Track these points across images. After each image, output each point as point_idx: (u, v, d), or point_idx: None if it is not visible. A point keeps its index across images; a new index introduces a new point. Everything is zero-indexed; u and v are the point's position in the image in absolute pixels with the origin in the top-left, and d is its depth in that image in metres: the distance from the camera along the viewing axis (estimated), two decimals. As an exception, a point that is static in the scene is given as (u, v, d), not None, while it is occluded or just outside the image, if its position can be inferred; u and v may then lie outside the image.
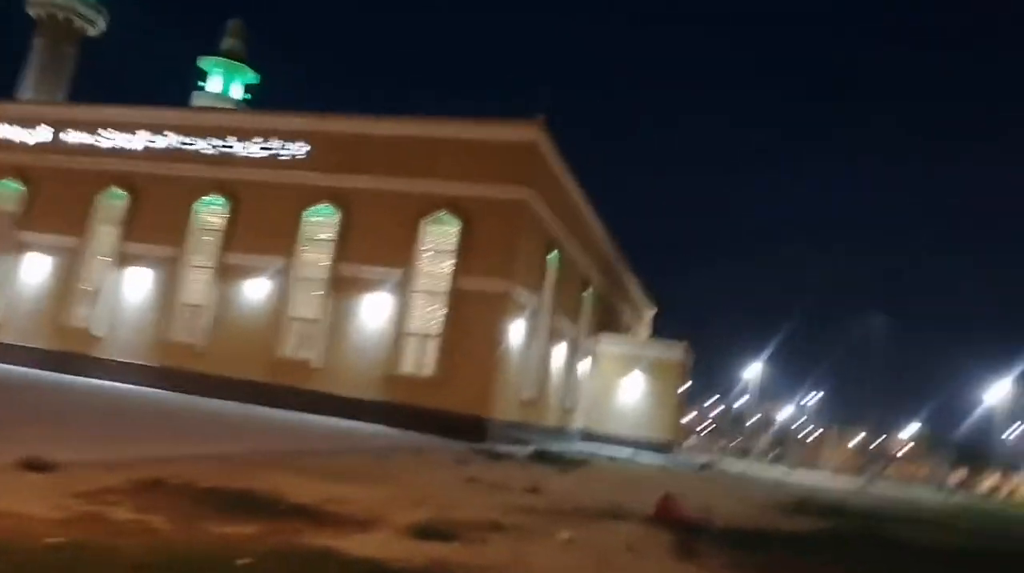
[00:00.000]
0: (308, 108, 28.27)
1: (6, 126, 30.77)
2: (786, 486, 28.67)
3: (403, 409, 23.87)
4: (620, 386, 36.30)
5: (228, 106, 48.81)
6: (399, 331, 24.84)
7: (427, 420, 23.20)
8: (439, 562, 6.68)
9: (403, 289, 25.04)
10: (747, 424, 75.14)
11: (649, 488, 17.83)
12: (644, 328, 53.38)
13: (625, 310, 45.33)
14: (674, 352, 36.03)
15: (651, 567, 8.20)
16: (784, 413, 77.99)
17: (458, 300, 24.31)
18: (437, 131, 25.83)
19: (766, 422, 76.84)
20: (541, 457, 21.24)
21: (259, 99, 60.95)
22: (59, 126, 30.13)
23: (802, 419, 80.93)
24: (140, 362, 27.06)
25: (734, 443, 75.76)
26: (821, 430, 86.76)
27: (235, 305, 26.71)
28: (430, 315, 24.99)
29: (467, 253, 24.53)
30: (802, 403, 75.37)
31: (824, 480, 41.40)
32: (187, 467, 9.91)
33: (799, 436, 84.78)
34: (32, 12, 45.89)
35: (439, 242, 25.32)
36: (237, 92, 61.38)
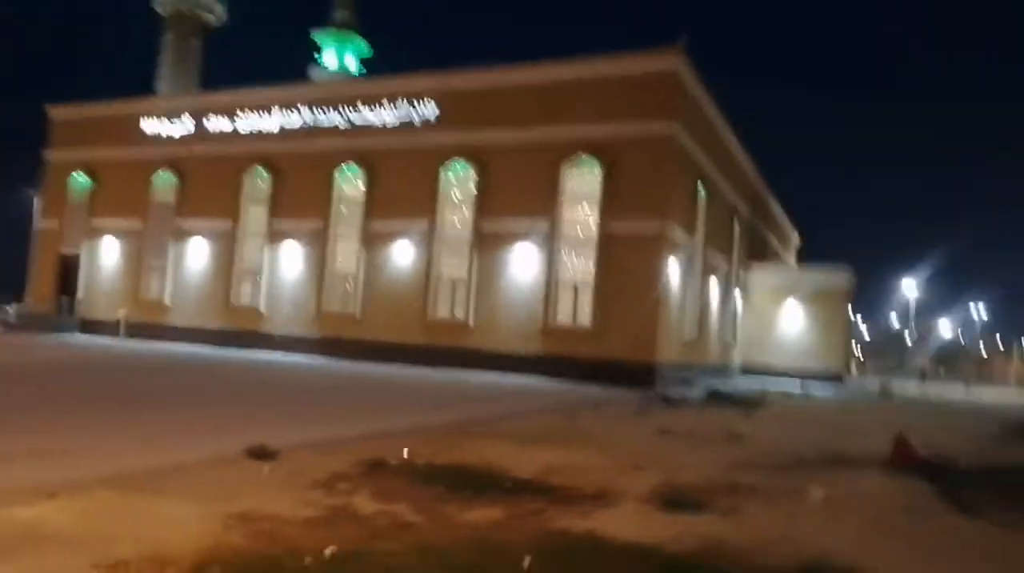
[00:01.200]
0: (428, 68, 27.64)
1: (155, 121, 32.22)
2: (983, 408, 26.19)
3: (561, 360, 23.36)
4: (779, 317, 34.21)
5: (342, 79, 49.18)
6: (550, 282, 24.17)
7: (587, 370, 22.61)
8: (711, 540, 5.96)
9: (550, 239, 24.26)
10: (907, 343, 70.11)
11: (851, 426, 16.54)
12: (791, 255, 50.28)
13: (772, 238, 42.64)
14: (838, 278, 33.40)
15: (939, 528, 7.09)
16: (944, 328, 72.32)
17: (609, 245, 23.26)
18: (569, 73, 24.48)
19: (926, 339, 71.53)
20: (716, 399, 20.33)
21: (373, 68, 61.33)
22: (200, 115, 31.22)
23: (966, 333, 75.01)
24: (302, 334, 28.04)
25: (895, 364, 70.74)
26: (990, 343, 79.77)
27: (384, 271, 26.97)
28: (581, 263, 24.09)
29: (614, 196, 23.33)
30: (966, 316, 69.68)
31: (1014, 397, 37.73)
32: (393, 442, 9.67)
33: (970, 351, 78.48)
34: (160, 9, 47.93)
35: (583, 187, 24.21)
36: (352, 64, 62.18)
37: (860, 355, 78.62)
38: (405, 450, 8.94)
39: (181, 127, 31.62)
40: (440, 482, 7.42)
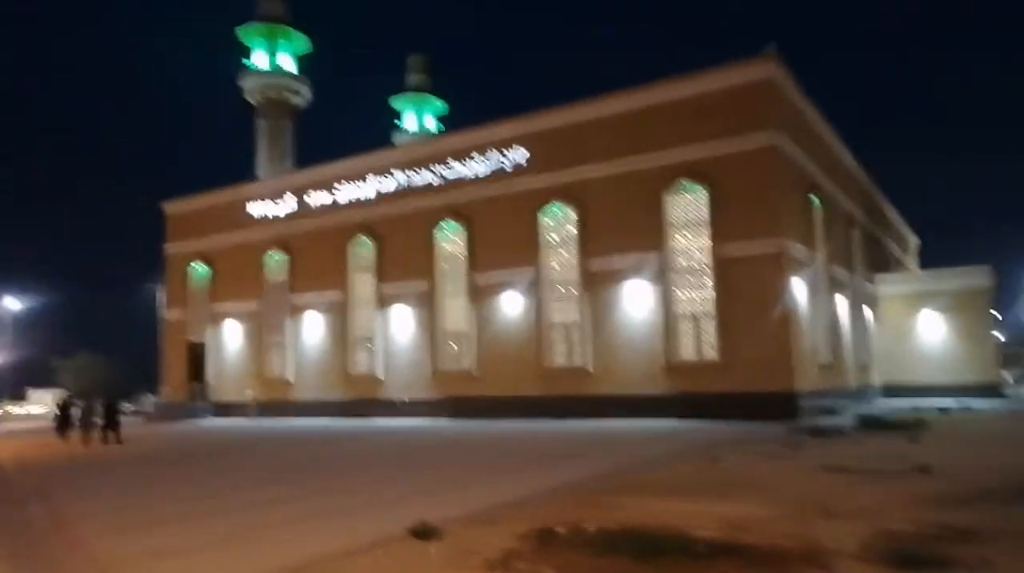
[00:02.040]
0: (509, 114, 27.59)
1: (260, 203, 33.64)
2: None
3: (688, 398, 22.16)
4: (916, 328, 31.60)
5: (430, 138, 50.22)
6: (668, 316, 23.13)
7: (717, 406, 21.31)
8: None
9: (661, 271, 23.31)
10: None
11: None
12: (912, 260, 46.94)
13: (892, 244, 39.91)
14: (977, 279, 30.58)
15: None
16: None
17: (726, 270, 22.09)
18: (657, 97, 23.82)
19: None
20: (869, 425, 18.60)
21: (451, 123, 62.75)
22: (301, 192, 32.36)
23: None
24: (420, 397, 27.96)
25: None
26: None
27: (494, 324, 26.65)
28: (698, 293, 22.96)
29: (723, 218, 22.26)
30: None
31: None
32: (549, 507, 9.04)
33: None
34: (251, 99, 50.75)
35: (689, 213, 23.24)
36: (431, 123, 63.84)
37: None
38: (560, 514, 8.25)
39: (285, 206, 32.84)
40: (622, 551, 6.73)
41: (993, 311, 32.30)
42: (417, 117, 63.37)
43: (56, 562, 7.29)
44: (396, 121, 63.38)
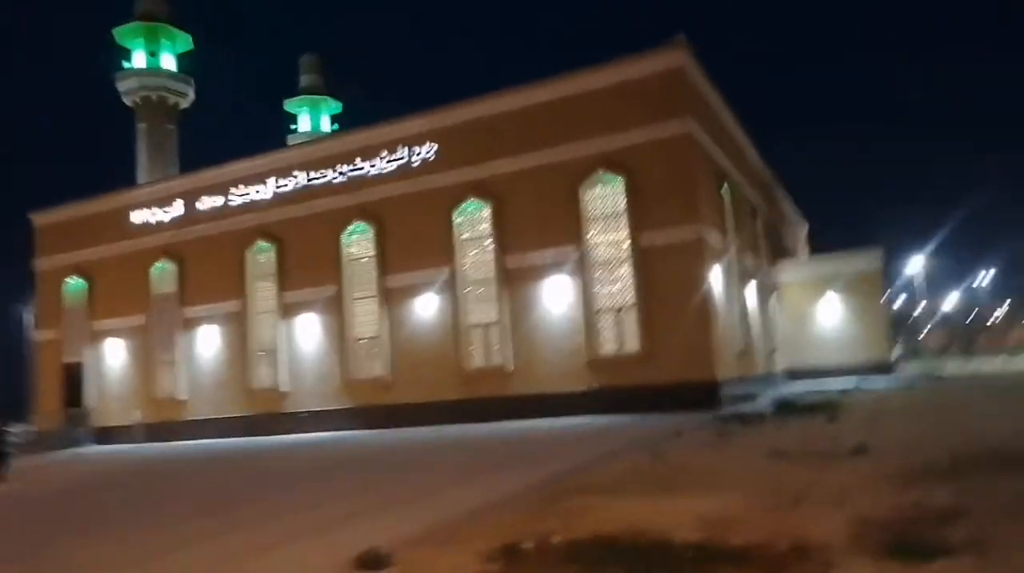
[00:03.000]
0: (412, 111, 26.49)
1: (144, 210, 30.95)
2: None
3: (613, 393, 21.80)
4: (813, 313, 32.75)
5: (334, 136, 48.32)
6: (588, 311, 22.72)
7: (642, 399, 21.07)
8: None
9: (581, 266, 22.89)
10: (920, 321, 68.74)
11: (955, 416, 15.12)
12: (804, 247, 49.12)
13: (787, 232, 41.48)
14: (870, 262, 32.02)
15: None
16: (951, 303, 71.29)
17: (646, 261, 21.90)
18: (570, 88, 23.37)
19: (935, 315, 70.28)
20: (786, 409, 18.94)
21: (347, 125, 60.70)
22: (191, 196, 29.98)
23: (974, 306, 73.83)
24: (330, 407, 26.38)
25: (911, 343, 68.93)
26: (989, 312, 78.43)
27: (408, 328, 25.46)
28: (619, 286, 22.68)
29: (642, 208, 22.06)
30: (974, 287, 68.71)
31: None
32: (503, 519, 8.23)
33: (985, 323, 77.13)
34: (128, 100, 47.13)
35: (607, 205, 22.94)
36: (326, 125, 61.56)
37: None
38: (515, 527, 7.44)
39: (173, 212, 30.33)
40: (606, 565, 5.97)
41: (885, 292, 33.97)
42: (312, 118, 60.95)
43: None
44: (292, 125, 60.76)
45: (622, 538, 6.92)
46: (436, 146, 25.41)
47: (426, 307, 25.21)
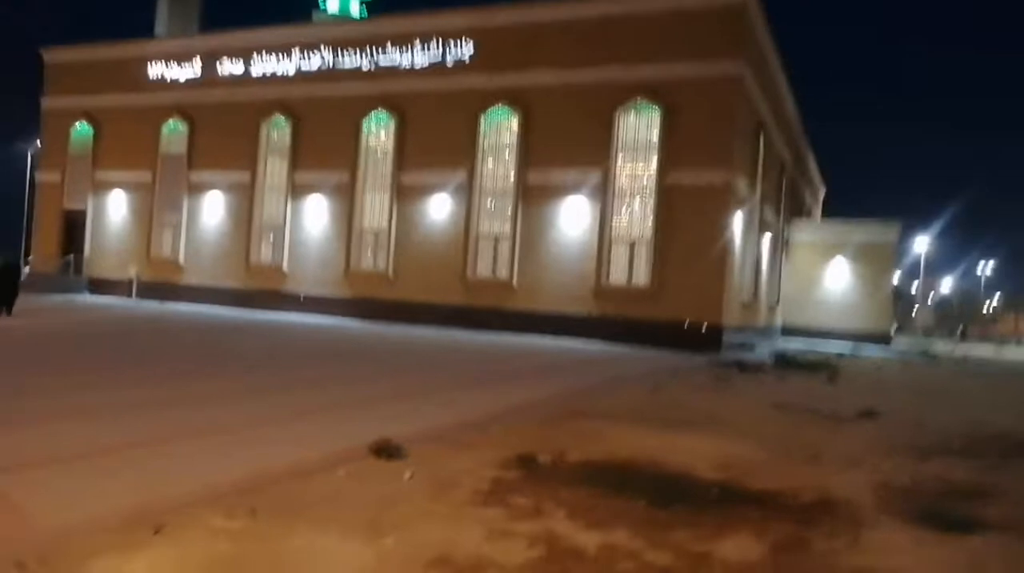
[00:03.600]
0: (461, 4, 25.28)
1: (162, 64, 29.82)
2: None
3: (614, 323, 21.76)
4: (820, 275, 32.62)
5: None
6: (603, 239, 22.39)
7: (643, 333, 21.05)
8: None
9: (602, 192, 22.40)
10: (915, 299, 69.16)
11: (953, 400, 15.12)
12: (818, 208, 48.53)
13: (806, 192, 40.81)
14: (886, 234, 31.69)
15: None
16: (946, 286, 71.70)
17: (670, 198, 21.44)
18: (623, 8, 22.25)
19: (930, 295, 70.71)
20: (785, 363, 19.00)
21: (378, 12, 58.15)
22: (212, 58, 28.85)
23: (972, 291, 74.34)
24: (329, 294, 26.27)
25: (903, 319, 69.35)
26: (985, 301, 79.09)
27: (419, 227, 25.09)
28: (637, 218, 22.28)
29: (675, 144, 21.41)
30: (977, 274, 68.99)
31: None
32: (513, 431, 8.19)
33: (980, 311, 77.68)
34: (154, -54, 44.68)
35: (640, 135, 22.25)
36: (355, 10, 58.89)
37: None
38: (533, 439, 7.36)
39: (191, 71, 29.26)
40: (628, 491, 5.89)
41: (896, 266, 33.75)
42: (341, 1, 58.18)
43: None
44: (320, 2, 57.98)
45: (640, 466, 6.84)
46: (473, 45, 24.36)
47: (438, 209, 24.77)
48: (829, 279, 32.46)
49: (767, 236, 27.75)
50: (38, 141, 34.06)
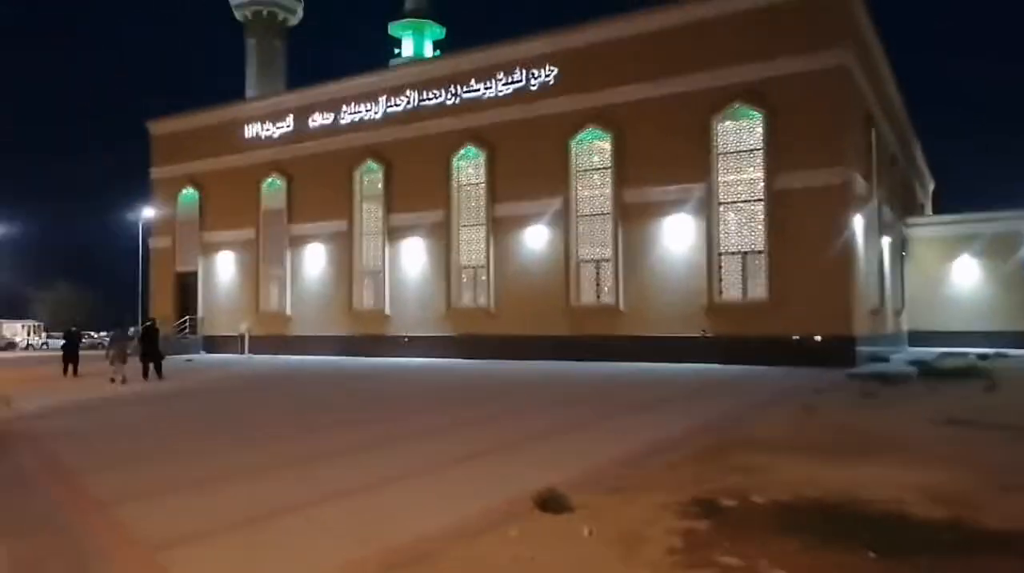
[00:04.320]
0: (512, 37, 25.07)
1: (256, 124, 30.94)
2: None
3: (732, 342, 20.52)
4: (946, 274, 30.15)
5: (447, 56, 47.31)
6: (712, 253, 21.31)
7: (765, 350, 19.73)
8: None
9: (707, 204, 21.38)
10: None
11: None
12: (929, 203, 45.42)
13: (917, 187, 38.23)
14: (1015, 224, 29.01)
15: None
16: None
17: (782, 204, 20.21)
18: (708, 10, 21.43)
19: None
20: (928, 373, 17.27)
21: (450, 51, 59.24)
22: (302, 113, 29.71)
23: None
24: (432, 334, 26.12)
25: None
26: None
27: (517, 258, 24.68)
28: (747, 229, 21.12)
29: (781, 145, 20.24)
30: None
31: None
32: (672, 470, 7.36)
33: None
34: (239, 15, 47.17)
35: (742, 140, 21.20)
36: (429, 51, 60.26)
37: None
38: (703, 481, 6.52)
39: (284, 128, 30.20)
40: (843, 539, 4.99)
41: None
42: (415, 43, 59.71)
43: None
44: (395, 49, 59.72)
45: (841, 507, 5.92)
46: (556, 70, 24.03)
47: (535, 238, 24.33)
48: (957, 278, 29.97)
49: (886, 237, 25.85)
50: (148, 209, 35.91)
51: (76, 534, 5.54)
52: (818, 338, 19.51)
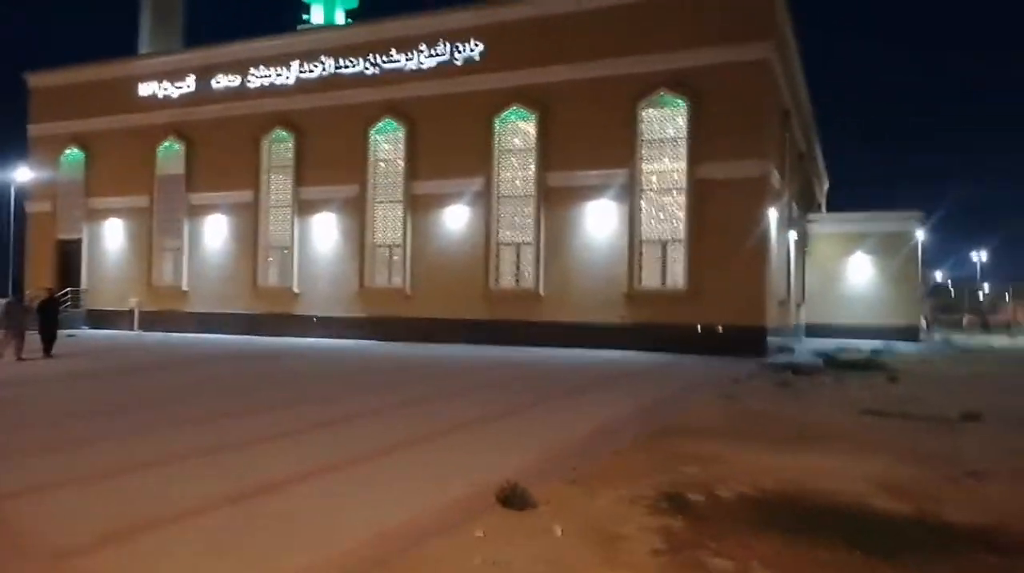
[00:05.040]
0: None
1: (153, 83, 28.59)
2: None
3: (649, 329, 20.66)
4: (842, 270, 31.67)
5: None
6: (633, 241, 21.34)
7: (681, 339, 19.98)
8: None
9: (629, 191, 21.36)
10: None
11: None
12: (823, 203, 47.75)
13: (815, 185, 40.01)
14: (909, 224, 30.81)
15: None
16: (939, 277, 71.45)
17: (702, 194, 20.42)
18: (639, -6, 21.30)
19: (927, 287, 70.60)
20: (836, 365, 17.93)
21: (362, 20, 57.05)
22: (206, 73, 27.66)
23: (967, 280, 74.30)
24: (344, 314, 25.04)
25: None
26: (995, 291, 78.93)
27: (434, 239, 23.94)
28: (668, 217, 21.26)
29: (704, 135, 20.42)
30: (972, 262, 68.86)
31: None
32: (623, 460, 7.16)
33: (974, 299, 77.39)
34: (135, -35, 43.52)
35: (665, 129, 21.27)
36: (341, 19, 57.86)
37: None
38: (651, 469, 6.26)
39: (184, 88, 28.05)
40: (822, 535, 4.83)
41: (919, 258, 32.85)
42: (326, 11, 57.16)
43: None
44: (304, 15, 56.91)
45: (806, 500, 5.76)
46: (481, 44, 23.35)
47: (455, 219, 23.67)
48: (851, 274, 31.52)
49: (792, 230, 26.79)
50: (24, 170, 32.64)
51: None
52: (719, 329, 19.93)
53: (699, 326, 20.01)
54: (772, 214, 21.04)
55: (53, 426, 8.66)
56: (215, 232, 27.45)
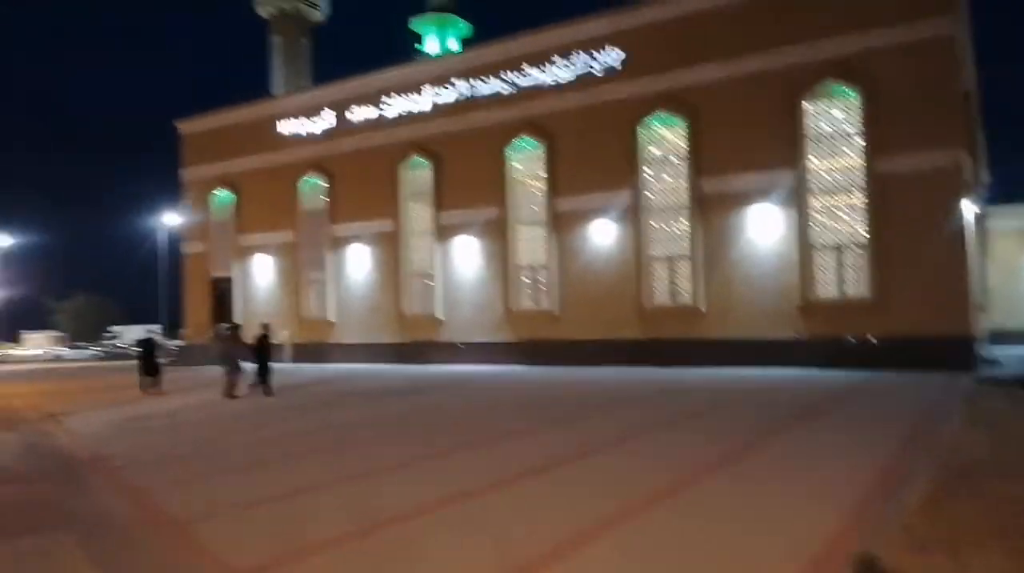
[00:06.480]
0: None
1: (292, 121, 29.37)
2: None
3: (828, 343, 18.69)
4: (1028, 267, 28.16)
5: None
6: (803, 248, 19.50)
7: (868, 352, 17.90)
8: None
9: (796, 193, 19.58)
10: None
11: None
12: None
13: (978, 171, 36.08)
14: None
15: None
16: None
17: (884, 191, 18.37)
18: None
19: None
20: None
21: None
22: (341, 107, 28.09)
23: None
24: (489, 340, 24.43)
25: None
26: None
27: (581, 256, 22.96)
28: (845, 219, 19.29)
29: (881, 126, 18.40)
30: None
31: None
32: (952, 510, 5.66)
33: None
34: (263, 12, 45.81)
35: (834, 122, 19.39)
36: (454, 47, 58.63)
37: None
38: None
39: (322, 123, 28.61)
40: None
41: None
42: (440, 40, 58.06)
43: None
44: (416, 45, 58.11)
45: None
46: (619, 51, 22.29)
47: (602, 235, 22.60)
48: (1039, 270, 27.96)
49: (980, 226, 23.93)
50: (178, 213, 34.44)
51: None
52: (873, 340, 17.82)
53: (883, 338, 17.85)
54: (967, 207, 18.66)
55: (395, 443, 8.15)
56: (358, 262, 27.67)
